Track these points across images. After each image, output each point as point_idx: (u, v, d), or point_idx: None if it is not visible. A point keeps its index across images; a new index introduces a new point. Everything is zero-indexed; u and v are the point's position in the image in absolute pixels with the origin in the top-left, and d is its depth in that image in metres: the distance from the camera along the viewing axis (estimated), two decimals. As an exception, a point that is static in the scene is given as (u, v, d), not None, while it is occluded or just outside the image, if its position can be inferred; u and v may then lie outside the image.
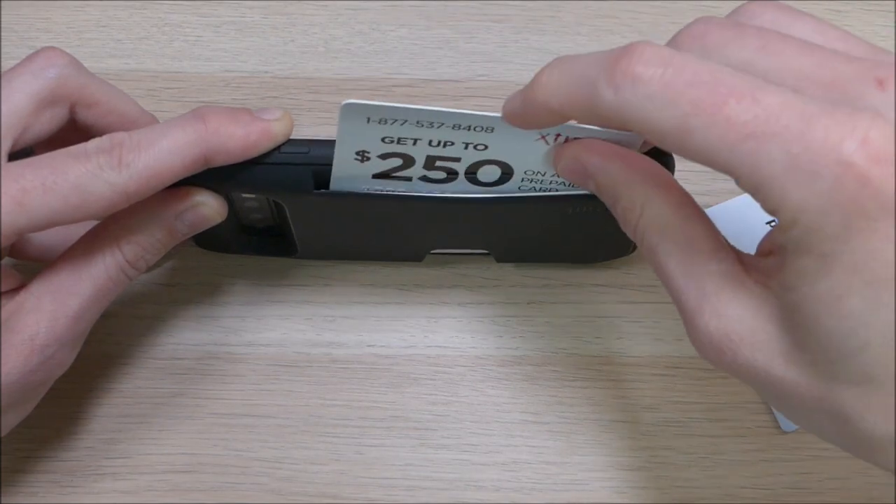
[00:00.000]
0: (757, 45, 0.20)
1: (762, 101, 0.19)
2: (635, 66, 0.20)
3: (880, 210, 0.18)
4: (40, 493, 0.32)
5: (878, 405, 0.19)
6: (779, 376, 0.21)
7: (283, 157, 0.27)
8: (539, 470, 0.32)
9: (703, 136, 0.19)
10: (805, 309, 0.20)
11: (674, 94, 0.19)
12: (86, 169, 0.24)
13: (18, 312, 0.26)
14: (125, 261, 0.27)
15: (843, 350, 0.19)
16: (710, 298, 0.22)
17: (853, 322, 0.19)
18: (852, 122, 0.18)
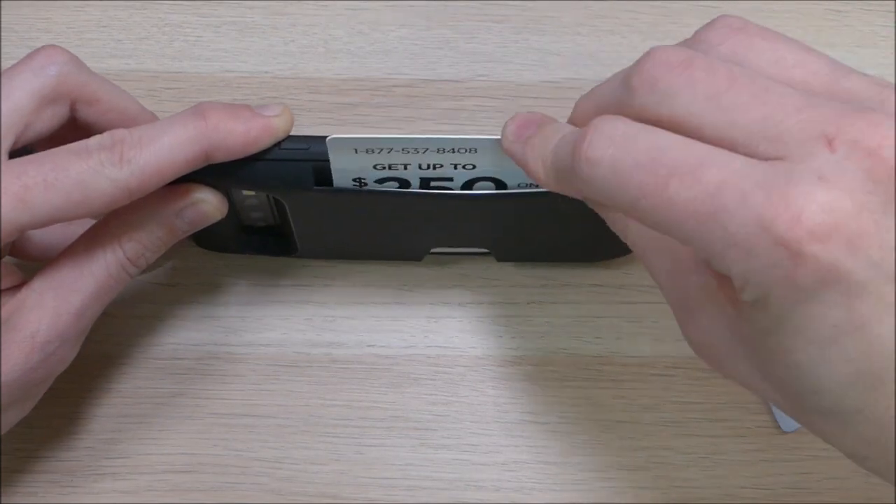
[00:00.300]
0: (706, 94, 0.20)
1: (702, 180, 0.19)
2: (590, 151, 0.21)
3: (819, 283, 0.18)
4: (40, 492, 0.32)
5: (844, 434, 0.20)
6: (759, 388, 0.21)
7: (283, 154, 0.27)
8: (539, 470, 0.32)
9: (653, 216, 0.20)
10: (762, 347, 0.20)
11: (622, 178, 0.20)
12: (87, 165, 0.24)
13: (20, 309, 0.26)
14: (126, 258, 0.27)
15: (800, 390, 0.20)
16: (691, 310, 0.22)
17: (804, 371, 0.19)
18: (787, 199, 0.18)
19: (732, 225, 0.19)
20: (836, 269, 0.18)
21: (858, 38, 0.39)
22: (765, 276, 0.19)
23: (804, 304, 0.18)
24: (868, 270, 0.18)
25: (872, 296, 0.18)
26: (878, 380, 0.19)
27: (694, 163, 0.20)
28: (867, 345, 0.18)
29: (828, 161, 0.19)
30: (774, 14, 0.39)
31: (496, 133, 0.26)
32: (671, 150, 0.20)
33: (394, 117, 0.37)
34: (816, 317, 0.18)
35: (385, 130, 0.37)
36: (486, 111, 0.37)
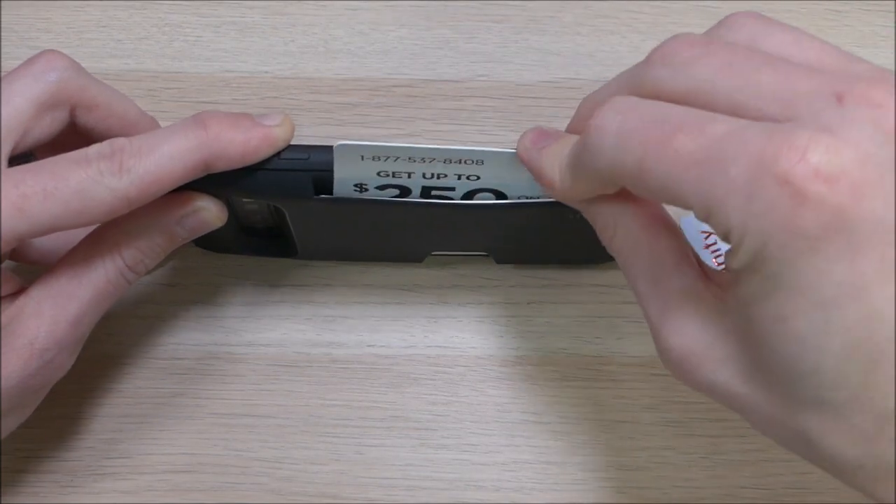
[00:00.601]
0: (721, 63, 0.20)
1: (706, 131, 0.19)
2: (599, 120, 0.21)
3: (822, 229, 0.18)
4: (41, 493, 0.32)
5: (838, 429, 0.19)
6: (740, 394, 0.21)
7: (283, 163, 0.27)
8: (539, 470, 0.32)
9: (657, 172, 0.20)
10: (754, 329, 0.20)
11: (629, 138, 0.20)
12: (87, 174, 0.24)
13: (18, 316, 0.26)
14: (125, 265, 0.27)
15: (794, 373, 0.19)
16: (670, 315, 0.22)
17: (802, 346, 0.19)
18: (790, 140, 0.18)
19: (734, 168, 0.18)
20: (841, 215, 0.18)
21: (858, 38, 0.39)
22: (765, 222, 0.18)
23: (805, 257, 0.18)
24: (872, 224, 0.18)
25: (875, 254, 0.18)
26: (879, 355, 0.18)
27: (701, 119, 0.20)
28: (868, 311, 0.18)
29: (836, 114, 0.19)
30: (774, 14, 0.38)
31: (497, 133, 0.26)
32: (678, 112, 0.20)
33: (394, 117, 0.37)
34: (818, 272, 0.18)
35: (385, 130, 0.37)
36: (486, 111, 0.37)
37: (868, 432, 0.19)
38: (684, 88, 0.21)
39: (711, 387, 0.21)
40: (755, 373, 0.20)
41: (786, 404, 0.20)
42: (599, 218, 0.24)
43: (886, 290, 0.18)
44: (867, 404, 0.18)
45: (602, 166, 0.21)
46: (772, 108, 0.19)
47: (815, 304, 0.18)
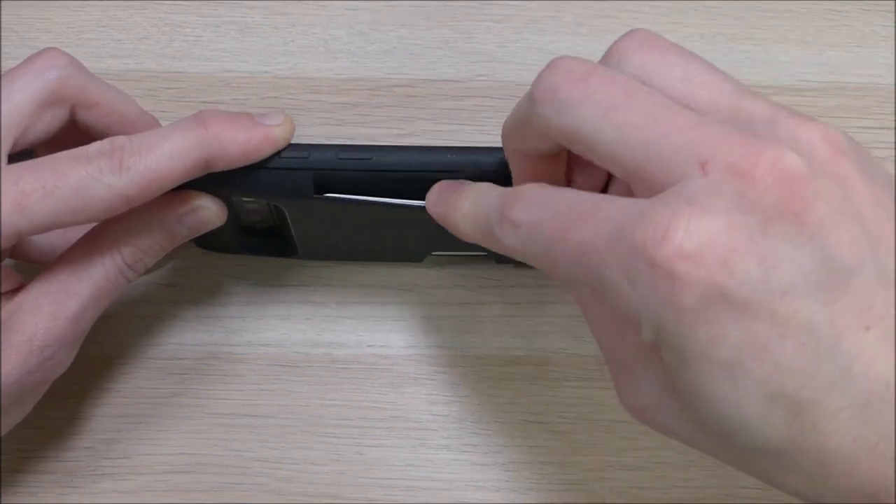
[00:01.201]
0: (603, 109, 0.21)
1: (595, 220, 0.20)
2: (513, 214, 0.22)
3: (701, 302, 0.18)
4: (40, 493, 0.32)
5: (788, 473, 0.20)
6: (697, 440, 0.21)
7: (283, 162, 0.27)
8: (539, 470, 0.32)
9: (562, 262, 0.21)
10: (682, 394, 0.20)
11: (536, 233, 0.22)
12: (86, 172, 0.24)
13: (17, 313, 0.26)
14: (124, 263, 0.27)
15: (726, 430, 0.20)
16: (624, 372, 0.23)
17: (723, 406, 0.19)
18: (655, 222, 0.19)
19: (616, 256, 0.19)
20: (715, 287, 0.18)
21: (858, 38, 0.39)
22: (651, 303, 0.19)
23: (697, 327, 0.18)
24: (751, 287, 0.18)
25: (764, 313, 0.18)
26: (797, 405, 0.18)
27: (590, 207, 0.21)
28: (773, 367, 0.18)
29: (700, 185, 0.19)
30: (774, 14, 0.39)
31: (497, 133, 0.26)
32: (574, 201, 0.21)
33: (394, 117, 0.37)
34: (713, 337, 0.18)
35: (385, 130, 0.37)
36: (486, 111, 0.37)
37: (812, 471, 0.19)
38: (570, 128, 0.21)
39: (669, 433, 0.22)
40: (701, 426, 0.21)
41: (736, 452, 0.20)
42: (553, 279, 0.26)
43: (786, 344, 0.18)
44: (803, 448, 0.19)
45: (518, 253, 0.23)
46: (649, 167, 0.20)
47: (720, 368, 0.19)
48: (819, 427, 0.18)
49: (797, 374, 0.18)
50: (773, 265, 0.18)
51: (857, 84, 0.37)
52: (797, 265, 0.18)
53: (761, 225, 0.18)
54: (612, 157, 0.21)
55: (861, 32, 0.39)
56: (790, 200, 0.19)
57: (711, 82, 0.22)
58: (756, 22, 0.38)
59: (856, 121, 0.37)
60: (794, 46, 0.38)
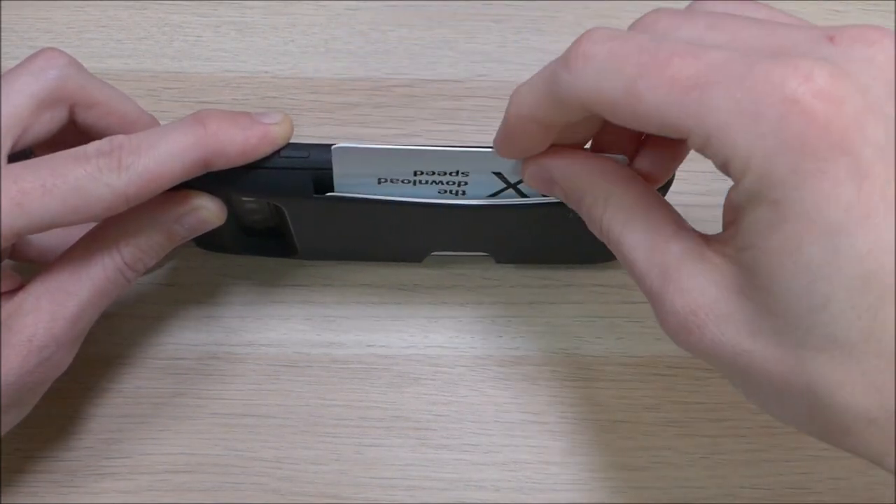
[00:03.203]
0: (706, 24, 0.20)
1: (704, 57, 0.19)
2: (585, 46, 0.20)
3: (829, 149, 0.18)
4: (40, 492, 0.32)
5: (848, 376, 0.18)
6: (746, 350, 0.20)
7: (283, 162, 0.27)
8: (539, 470, 0.32)
9: (651, 97, 0.19)
10: (762, 266, 0.19)
11: (621, 61, 0.20)
12: (85, 171, 0.24)
13: (17, 313, 0.26)
14: (124, 263, 0.27)
15: (803, 309, 0.18)
16: (672, 277, 0.21)
17: (812, 276, 0.18)
18: (794, 64, 0.18)
19: (738, 90, 0.18)
20: (848, 138, 0.18)
21: (858, 37, 0.39)
22: (773, 142, 0.18)
23: (813, 179, 0.18)
24: (876, 150, 0.18)
25: (880, 181, 0.18)
26: (887, 290, 0.18)
27: (697, 47, 0.19)
28: (876, 240, 0.17)
29: (831, 51, 0.19)
30: (774, 14, 0.39)
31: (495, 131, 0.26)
32: (671, 41, 0.20)
33: (394, 117, 0.37)
34: (826, 196, 0.18)
35: (385, 130, 0.37)
36: (486, 111, 0.37)
37: (880, 380, 0.18)
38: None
39: (717, 346, 0.21)
40: (762, 324, 0.20)
41: (794, 354, 0.19)
42: (589, 195, 0.24)
43: (890, 219, 0.18)
44: (877, 347, 0.18)
45: (583, 90, 0.21)
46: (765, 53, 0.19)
47: (823, 231, 0.18)
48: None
49: (891, 259, 0.17)
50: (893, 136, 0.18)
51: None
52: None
53: (887, 94, 0.18)
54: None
55: (861, 32, 0.39)
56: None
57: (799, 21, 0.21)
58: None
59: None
60: (795, 46, 0.38)
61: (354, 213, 0.29)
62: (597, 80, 0.20)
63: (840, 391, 0.18)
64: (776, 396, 0.20)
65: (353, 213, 0.29)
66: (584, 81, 0.20)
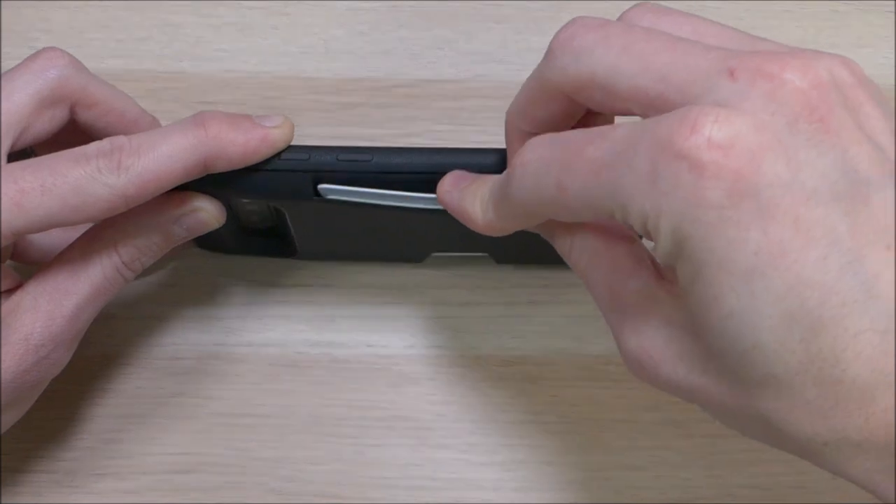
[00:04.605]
0: (620, 47, 0.21)
1: (609, 136, 0.20)
2: (519, 158, 0.22)
3: (726, 197, 0.18)
4: (41, 492, 0.32)
5: (792, 407, 0.19)
6: (699, 386, 0.21)
7: (283, 164, 0.27)
8: (539, 470, 0.32)
9: (574, 187, 0.20)
10: (693, 314, 0.20)
11: (548, 164, 0.21)
12: (85, 172, 0.24)
13: (15, 312, 0.26)
14: (122, 262, 0.27)
15: (737, 353, 0.19)
16: (628, 318, 0.22)
17: (737, 322, 0.18)
18: (682, 119, 0.18)
19: (637, 157, 0.19)
20: (742, 180, 0.18)
21: (858, 38, 0.39)
22: (673, 200, 0.18)
23: (718, 229, 0.18)
24: (778, 188, 0.18)
25: (789, 217, 0.18)
26: (816, 323, 0.18)
27: (604, 129, 0.20)
28: (794, 279, 0.17)
29: (729, 89, 0.19)
30: (774, 14, 0.39)
31: (497, 133, 0.26)
32: (584, 131, 0.21)
33: (394, 117, 0.37)
34: (733, 243, 0.18)
35: (385, 130, 0.37)
36: (486, 111, 0.37)
37: (822, 406, 0.18)
38: (588, 73, 0.21)
39: (673, 383, 0.21)
40: (708, 363, 0.20)
41: (740, 389, 0.19)
42: (557, 234, 0.25)
43: (809, 253, 0.17)
44: (816, 376, 0.18)
45: (526, 198, 0.22)
46: (670, 91, 0.20)
47: (738, 278, 0.18)
48: (837, 351, 0.17)
49: (818, 287, 0.17)
50: (799, 168, 0.18)
51: (857, 84, 0.37)
52: (821, 171, 0.18)
53: (789, 126, 0.18)
54: (632, 90, 0.20)
55: (861, 32, 0.39)
56: (817, 105, 0.18)
57: (722, 32, 0.22)
58: (756, 22, 0.39)
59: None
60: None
61: (354, 216, 0.29)
62: (534, 185, 0.22)
63: (788, 421, 0.19)
64: (736, 421, 0.21)
65: (354, 216, 0.29)
66: (523, 190, 0.22)
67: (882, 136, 0.19)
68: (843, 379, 0.18)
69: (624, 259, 0.23)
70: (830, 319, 0.17)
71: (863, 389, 0.18)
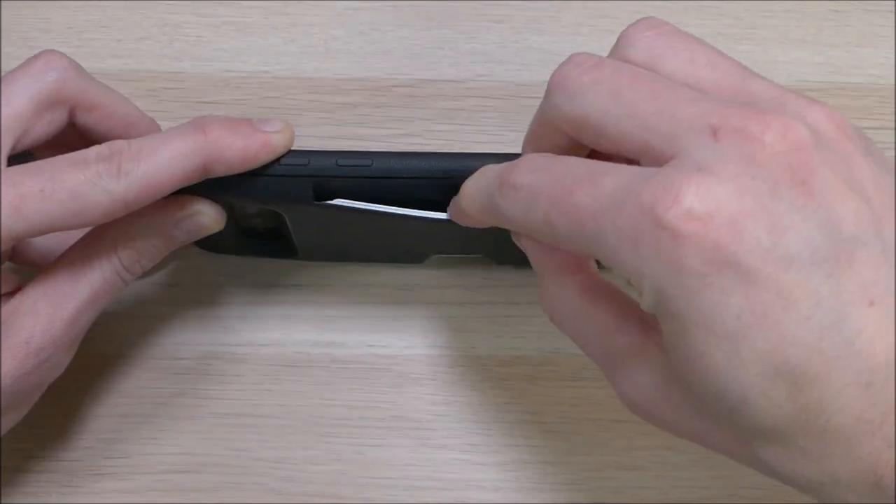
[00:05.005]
0: (609, 91, 0.21)
1: (598, 184, 0.20)
2: (514, 177, 0.22)
3: (708, 265, 0.18)
4: (41, 492, 0.32)
5: (787, 454, 0.19)
6: (700, 432, 0.21)
7: (283, 169, 0.27)
8: (539, 470, 0.32)
9: (561, 226, 0.21)
10: (680, 370, 0.20)
11: (538, 195, 0.22)
12: (85, 176, 0.24)
13: (14, 315, 0.26)
14: (121, 266, 0.27)
15: (726, 408, 0.19)
16: (622, 373, 0.23)
17: (724, 378, 0.19)
18: (664, 186, 0.19)
19: (621, 218, 0.19)
20: (722, 250, 0.18)
21: (858, 38, 0.39)
22: (654, 264, 0.19)
23: (700, 293, 0.18)
24: (758, 255, 0.18)
25: (770, 283, 0.18)
26: (801, 378, 0.18)
27: (597, 172, 0.21)
28: (778, 338, 0.18)
29: (711, 150, 0.19)
30: (774, 14, 0.39)
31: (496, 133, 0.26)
32: (577, 166, 0.21)
33: (394, 117, 0.37)
34: (716, 306, 0.18)
35: (385, 130, 0.37)
36: (486, 111, 0.37)
37: (815, 453, 0.19)
38: (580, 115, 0.22)
39: (672, 427, 0.22)
40: (702, 412, 0.21)
41: (734, 438, 0.20)
42: (542, 282, 0.25)
43: (791, 315, 0.18)
44: (806, 426, 0.19)
45: (514, 217, 0.23)
46: (655, 140, 0.20)
47: (722, 338, 0.18)
48: (823, 404, 0.18)
49: (801, 346, 0.18)
50: (781, 233, 0.18)
51: (857, 84, 0.37)
52: (804, 235, 0.18)
53: (771, 192, 0.18)
54: (620, 135, 0.21)
55: (861, 32, 0.39)
56: (798, 168, 0.19)
57: (717, 63, 0.22)
58: (756, 22, 0.39)
59: (856, 121, 0.36)
60: (794, 46, 0.38)
61: (354, 220, 0.29)
62: (524, 211, 0.22)
63: (785, 466, 0.20)
64: (740, 460, 0.21)
65: (353, 220, 0.29)
66: (513, 211, 0.23)
67: (869, 186, 0.19)
68: (828, 429, 0.18)
69: (608, 316, 0.23)
70: (815, 375, 0.18)
71: (848, 437, 0.18)
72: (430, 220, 0.28)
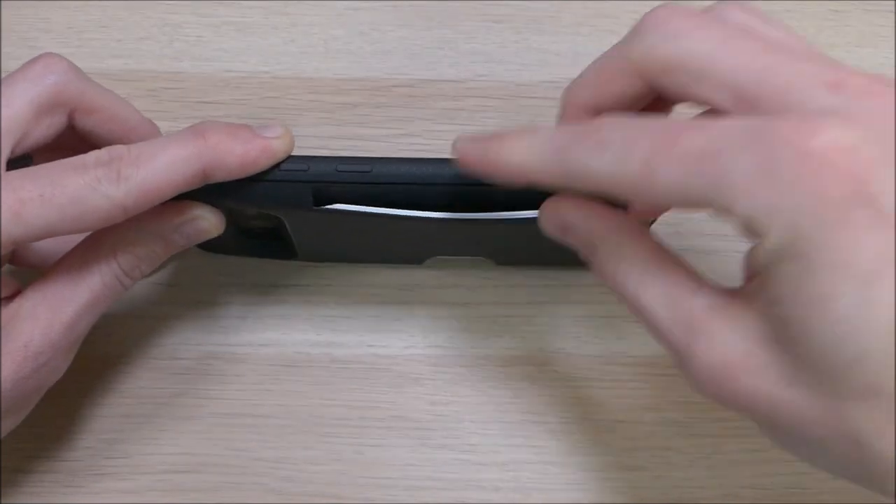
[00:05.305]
0: (719, 38, 0.21)
1: (710, 128, 0.19)
2: (603, 134, 0.21)
3: (850, 198, 0.18)
4: (41, 492, 0.32)
5: (890, 423, 0.18)
6: (783, 401, 0.20)
7: (282, 175, 0.27)
8: (539, 470, 0.32)
9: (666, 173, 0.20)
10: (795, 320, 0.19)
11: (633, 145, 0.20)
12: (84, 182, 0.24)
13: (14, 319, 0.26)
14: (121, 270, 0.27)
15: (840, 361, 0.18)
16: (700, 332, 0.21)
17: (846, 327, 0.18)
18: (803, 120, 0.18)
19: (751, 153, 0.18)
20: (865, 185, 0.18)
21: (858, 38, 0.39)
22: (793, 196, 0.18)
23: (838, 228, 0.18)
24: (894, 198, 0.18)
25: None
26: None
27: (703, 121, 0.20)
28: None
29: (831, 101, 0.19)
30: (774, 13, 0.38)
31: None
32: (677, 120, 0.20)
33: (394, 117, 0.37)
34: (854, 243, 0.17)
35: (385, 130, 0.37)
36: (486, 111, 0.37)
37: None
38: (678, 56, 0.21)
39: (752, 397, 0.20)
40: (797, 374, 0.19)
41: (832, 403, 0.19)
42: (602, 248, 0.24)
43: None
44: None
45: (600, 173, 0.21)
46: (767, 92, 0.20)
47: (855, 280, 0.17)
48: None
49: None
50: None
51: (858, 84, 0.37)
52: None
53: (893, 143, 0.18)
54: (727, 83, 0.20)
55: (861, 32, 0.39)
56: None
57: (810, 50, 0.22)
58: (756, 22, 0.38)
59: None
60: (795, 46, 0.38)
61: (354, 223, 0.29)
62: (613, 162, 0.21)
63: (882, 439, 0.18)
64: (814, 443, 0.20)
65: (353, 224, 0.29)
66: (600, 163, 0.21)
67: None
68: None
69: (683, 278, 0.22)
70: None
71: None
72: (430, 220, 0.28)
